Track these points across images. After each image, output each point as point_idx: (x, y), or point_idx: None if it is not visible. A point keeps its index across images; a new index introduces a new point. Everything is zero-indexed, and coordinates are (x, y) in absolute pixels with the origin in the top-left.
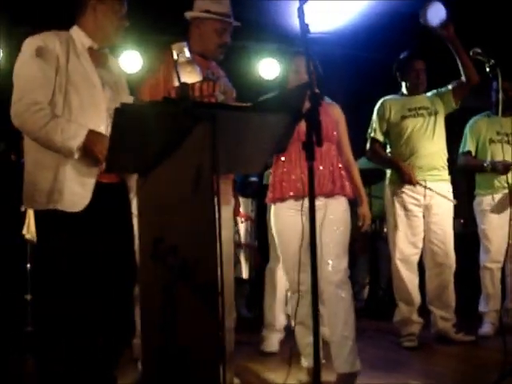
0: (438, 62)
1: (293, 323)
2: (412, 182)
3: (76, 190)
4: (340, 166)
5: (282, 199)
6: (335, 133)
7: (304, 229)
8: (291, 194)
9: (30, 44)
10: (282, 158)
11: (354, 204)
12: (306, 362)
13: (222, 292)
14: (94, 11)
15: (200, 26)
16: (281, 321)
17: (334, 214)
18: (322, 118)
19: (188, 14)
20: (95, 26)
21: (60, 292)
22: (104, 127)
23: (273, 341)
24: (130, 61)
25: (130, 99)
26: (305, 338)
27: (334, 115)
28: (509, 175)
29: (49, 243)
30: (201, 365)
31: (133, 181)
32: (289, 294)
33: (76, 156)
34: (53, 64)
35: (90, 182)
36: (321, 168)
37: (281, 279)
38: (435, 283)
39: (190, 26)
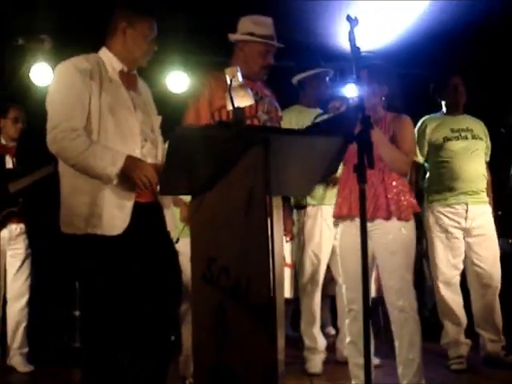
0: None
1: (346, 342)
2: None
3: (115, 214)
4: (400, 186)
5: (345, 217)
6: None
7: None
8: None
9: (63, 70)
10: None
11: None
12: (354, 382)
13: (275, 313)
14: (123, 35)
15: (244, 49)
16: (321, 342)
17: (393, 236)
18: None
19: (232, 37)
20: (124, 49)
21: (103, 312)
22: (139, 151)
23: (316, 362)
24: (177, 81)
25: (158, 119)
26: (355, 358)
27: (391, 130)
28: None
29: (89, 266)
30: None
31: (165, 198)
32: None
33: (115, 182)
34: (86, 89)
35: (129, 205)
36: (376, 190)
37: (317, 300)
38: (481, 305)
39: (234, 47)
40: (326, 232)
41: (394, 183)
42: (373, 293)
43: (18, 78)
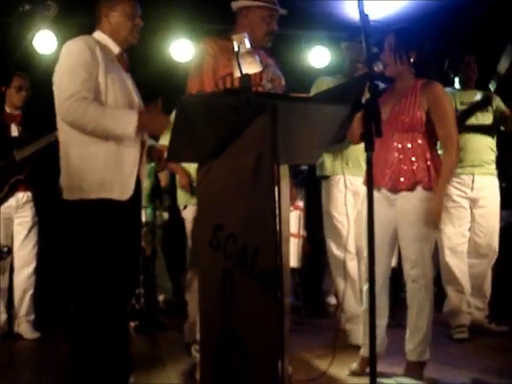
0: (490, 55)
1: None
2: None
3: (126, 179)
4: (427, 156)
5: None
6: (422, 117)
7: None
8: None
9: (73, 46)
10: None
11: None
12: (366, 351)
13: (282, 280)
14: (107, 18)
15: (248, 15)
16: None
17: (410, 206)
18: (405, 106)
19: (235, 5)
20: (112, 32)
21: (101, 278)
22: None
23: (358, 333)
24: (181, 49)
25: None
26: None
27: (423, 98)
28: None
29: (93, 231)
30: (259, 352)
31: None
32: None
33: (133, 138)
34: (96, 65)
35: (135, 172)
36: (399, 158)
37: (353, 269)
38: (474, 273)
39: (238, 15)
40: (350, 200)
41: (423, 151)
42: (393, 262)
43: (23, 46)
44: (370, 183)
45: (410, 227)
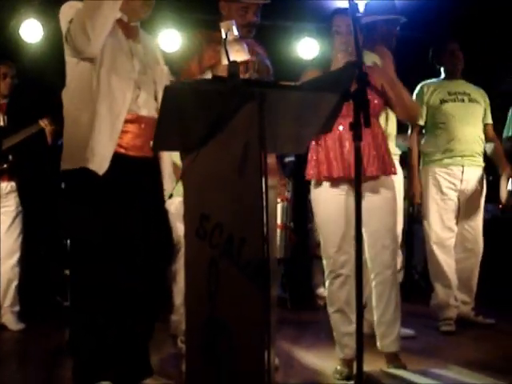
0: (475, 43)
1: (329, 310)
2: (413, 202)
3: (105, 151)
4: (385, 143)
5: (329, 179)
6: (376, 101)
7: (350, 211)
8: (340, 174)
9: (70, 6)
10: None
11: None
12: (342, 353)
13: (269, 270)
14: None
15: (224, 8)
16: None
17: (383, 194)
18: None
19: None
20: (123, 2)
21: (90, 264)
22: (130, 95)
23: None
24: (169, 39)
25: (163, 72)
26: (343, 327)
27: (377, 83)
28: None
29: (78, 203)
30: (245, 343)
31: (165, 155)
32: (326, 278)
33: None
34: None
35: (110, 148)
36: (369, 148)
37: None
38: (461, 267)
39: (218, 7)
40: None
41: (381, 137)
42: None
43: (7, 33)
44: (359, 173)
45: (381, 216)
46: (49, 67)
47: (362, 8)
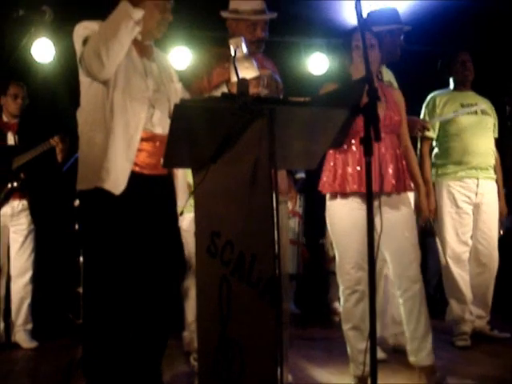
0: (488, 56)
1: (344, 327)
2: (429, 217)
3: (119, 173)
4: (403, 160)
5: (345, 194)
6: (397, 118)
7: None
8: (356, 189)
9: (84, 26)
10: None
11: None
12: (357, 370)
13: (280, 287)
14: (137, 6)
15: (232, 25)
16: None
17: (402, 210)
18: (388, 107)
19: (222, 14)
20: None
21: (104, 282)
22: (144, 115)
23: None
24: (180, 57)
25: (177, 90)
26: (358, 344)
27: (396, 100)
28: None
29: (93, 222)
30: (258, 360)
31: (179, 172)
32: (342, 295)
33: (138, 14)
34: None
35: (127, 168)
36: (387, 164)
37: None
38: (476, 282)
39: (227, 24)
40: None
41: (399, 154)
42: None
43: (18, 53)
44: (370, 188)
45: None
46: (60, 87)
47: (366, 16)
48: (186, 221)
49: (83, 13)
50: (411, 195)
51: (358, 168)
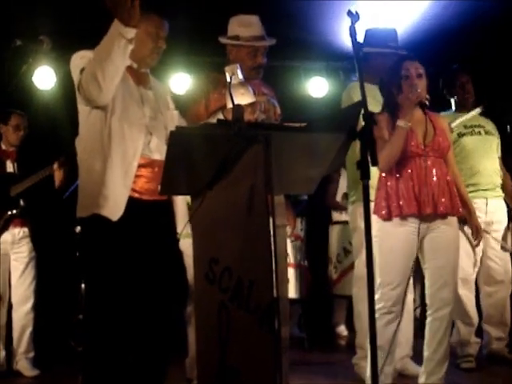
0: (487, 77)
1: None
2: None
3: (118, 198)
4: (454, 184)
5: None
6: (447, 144)
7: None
8: (408, 211)
9: (81, 56)
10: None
11: None
12: None
13: (279, 313)
14: None
15: (232, 51)
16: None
17: (448, 232)
18: (437, 133)
19: (221, 40)
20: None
21: (105, 309)
22: (142, 142)
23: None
24: (180, 82)
25: (173, 117)
26: (380, 365)
27: (442, 126)
28: None
29: (92, 249)
30: None
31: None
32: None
33: (130, 33)
34: None
35: (125, 194)
36: (440, 187)
37: None
38: (492, 302)
39: (226, 50)
40: None
41: (450, 177)
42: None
43: (17, 81)
44: (368, 211)
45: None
46: (61, 113)
47: (361, 35)
48: (187, 245)
49: (83, 40)
50: None
51: (414, 190)
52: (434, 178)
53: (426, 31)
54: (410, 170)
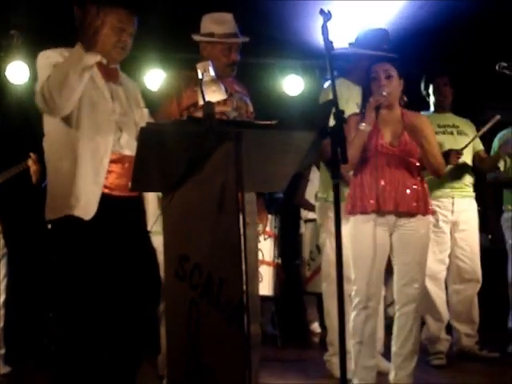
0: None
1: (352, 341)
2: None
3: (87, 198)
4: (423, 181)
5: (364, 212)
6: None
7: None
8: (373, 207)
9: (48, 56)
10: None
11: None
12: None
13: (248, 309)
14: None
15: (206, 48)
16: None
17: (418, 232)
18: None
19: (194, 37)
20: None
21: (75, 308)
22: (111, 138)
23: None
24: (154, 79)
25: (144, 113)
26: (362, 360)
27: (417, 125)
28: None
29: (65, 251)
30: (226, 383)
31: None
32: (354, 309)
33: (89, 60)
34: None
35: (96, 192)
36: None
37: None
38: (460, 299)
39: (200, 47)
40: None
41: (417, 178)
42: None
43: None
44: (338, 210)
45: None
46: (35, 109)
47: (354, 37)
48: (159, 243)
49: (57, 36)
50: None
51: (375, 188)
52: (400, 177)
53: (402, 31)
54: (375, 169)
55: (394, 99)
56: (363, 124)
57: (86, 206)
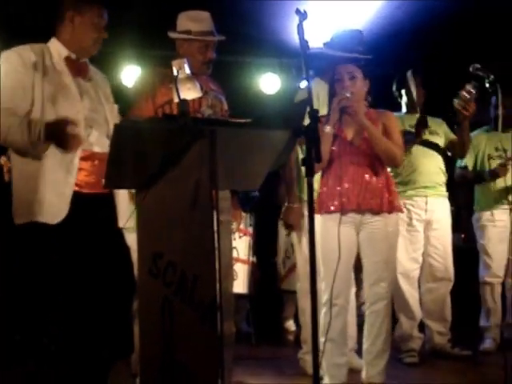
0: (439, 78)
1: (322, 340)
2: None
3: (54, 201)
4: (388, 179)
5: (328, 211)
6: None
7: (353, 243)
8: (337, 207)
9: (6, 57)
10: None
11: None
12: (330, 383)
13: (221, 307)
14: (71, 23)
15: (183, 46)
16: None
17: (386, 229)
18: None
19: (171, 35)
20: (73, 37)
21: (45, 308)
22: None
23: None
24: (131, 75)
25: (114, 108)
26: (333, 358)
27: (379, 123)
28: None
29: (30, 257)
30: (199, 380)
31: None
32: (322, 307)
33: (41, 151)
34: (29, 77)
35: (67, 193)
36: (366, 181)
37: None
38: (433, 298)
39: (176, 44)
40: None
41: (382, 176)
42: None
43: None
44: (311, 210)
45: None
46: None
47: (328, 38)
48: (133, 240)
49: (28, 33)
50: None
51: (338, 188)
52: (363, 176)
53: (378, 32)
54: (339, 168)
55: (359, 100)
56: (328, 127)
57: (52, 211)
